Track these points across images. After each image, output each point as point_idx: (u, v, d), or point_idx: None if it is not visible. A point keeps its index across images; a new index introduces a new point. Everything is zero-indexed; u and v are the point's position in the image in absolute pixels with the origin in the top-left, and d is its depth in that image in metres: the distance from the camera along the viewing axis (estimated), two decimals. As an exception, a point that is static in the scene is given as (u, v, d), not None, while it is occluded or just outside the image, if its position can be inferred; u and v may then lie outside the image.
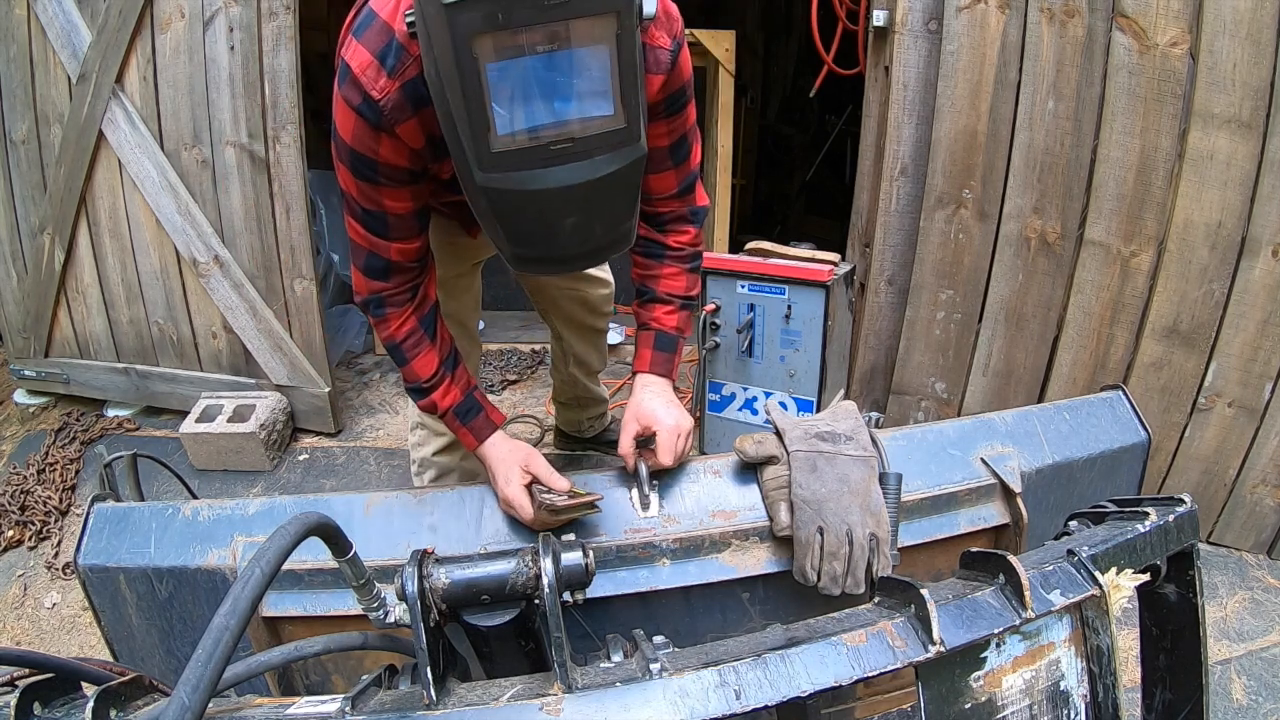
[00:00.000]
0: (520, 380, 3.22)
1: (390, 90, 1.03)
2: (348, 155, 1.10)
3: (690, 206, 1.34)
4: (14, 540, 2.51)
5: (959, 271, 2.29)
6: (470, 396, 1.31)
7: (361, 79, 1.03)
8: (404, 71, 1.03)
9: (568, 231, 0.87)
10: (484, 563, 0.83)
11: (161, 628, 1.14)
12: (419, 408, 1.34)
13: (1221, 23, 1.85)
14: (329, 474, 2.70)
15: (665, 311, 1.34)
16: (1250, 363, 2.07)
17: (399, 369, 1.31)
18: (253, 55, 2.43)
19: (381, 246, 1.19)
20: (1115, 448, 1.30)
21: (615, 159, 0.83)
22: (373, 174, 1.11)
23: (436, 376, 1.28)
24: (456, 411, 1.29)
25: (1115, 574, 0.77)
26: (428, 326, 1.29)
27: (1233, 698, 1.86)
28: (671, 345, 1.34)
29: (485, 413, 1.31)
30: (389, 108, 1.04)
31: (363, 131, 1.07)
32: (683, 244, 1.35)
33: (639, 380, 1.33)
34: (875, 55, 2.33)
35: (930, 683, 0.70)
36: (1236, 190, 1.96)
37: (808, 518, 1.06)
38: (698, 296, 1.39)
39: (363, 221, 1.18)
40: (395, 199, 1.15)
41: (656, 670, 0.68)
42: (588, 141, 0.81)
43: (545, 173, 0.80)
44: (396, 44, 1.03)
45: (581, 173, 0.81)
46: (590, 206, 0.86)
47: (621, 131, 0.82)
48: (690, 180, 1.32)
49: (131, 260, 2.79)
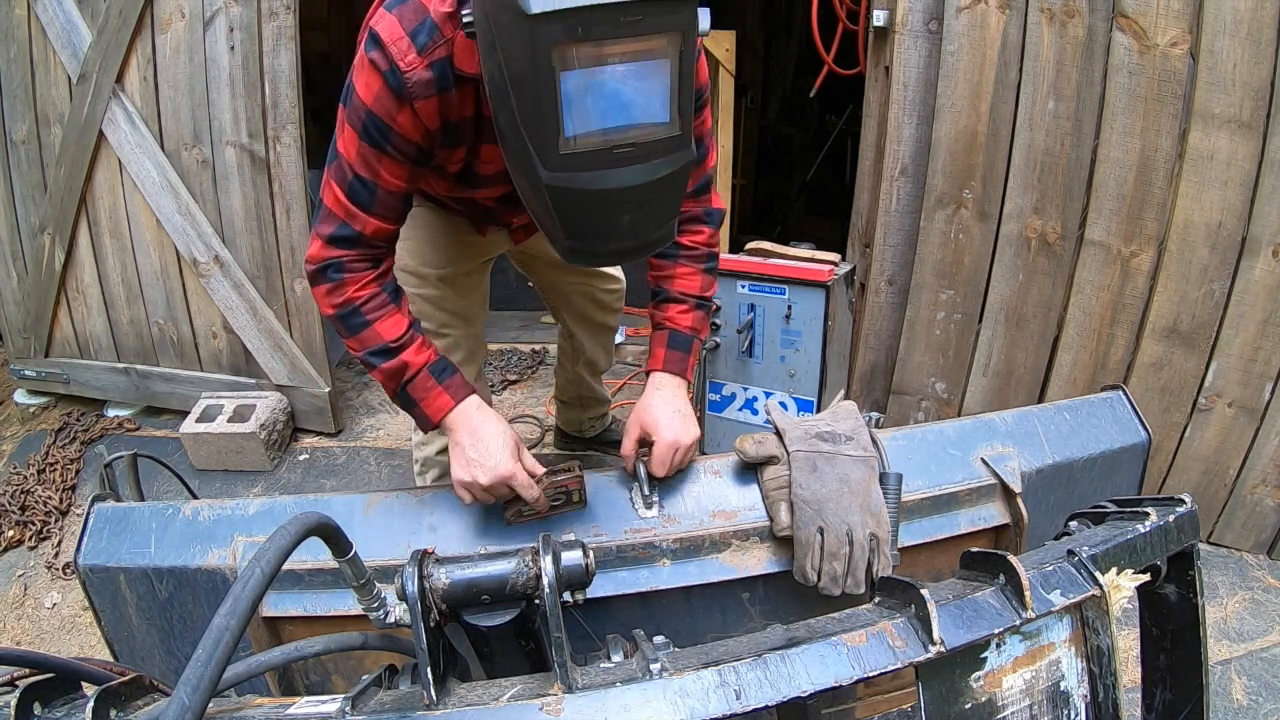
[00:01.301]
0: (520, 380, 3.22)
1: (417, 67, 1.06)
2: (363, 117, 1.10)
3: (705, 207, 1.35)
4: (14, 540, 2.51)
5: (959, 271, 2.29)
6: (444, 357, 1.24)
7: (391, 49, 1.05)
8: (433, 52, 1.06)
9: (624, 228, 0.94)
10: (484, 563, 0.83)
11: (161, 628, 1.14)
12: (379, 374, 1.21)
13: (1222, 23, 1.85)
14: (329, 474, 2.70)
15: (679, 311, 1.34)
16: (1250, 363, 2.07)
17: (350, 337, 1.21)
18: (253, 55, 2.43)
19: (360, 219, 1.16)
20: (1115, 448, 1.30)
21: (670, 162, 0.90)
22: (383, 140, 1.12)
23: (407, 335, 1.20)
24: (432, 369, 1.20)
25: (1115, 574, 0.77)
26: (390, 291, 1.22)
27: (1233, 698, 1.86)
28: (686, 345, 1.33)
29: (460, 373, 1.24)
30: (413, 83, 1.06)
31: (385, 97, 1.08)
32: (697, 244, 1.35)
33: (650, 380, 1.32)
34: (875, 55, 2.33)
35: (930, 683, 0.70)
36: (1236, 190, 1.96)
37: (808, 518, 1.06)
38: (712, 299, 1.38)
39: (350, 189, 1.15)
40: (393, 173, 1.15)
41: (656, 670, 0.68)
42: (647, 146, 0.87)
43: (608, 174, 0.87)
44: (430, 23, 1.05)
45: (641, 175, 0.88)
46: (645, 205, 0.92)
47: (677, 138, 0.89)
48: (705, 181, 1.33)
49: (132, 260, 2.79)
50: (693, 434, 1.21)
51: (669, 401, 1.26)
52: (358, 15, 1.24)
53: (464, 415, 1.19)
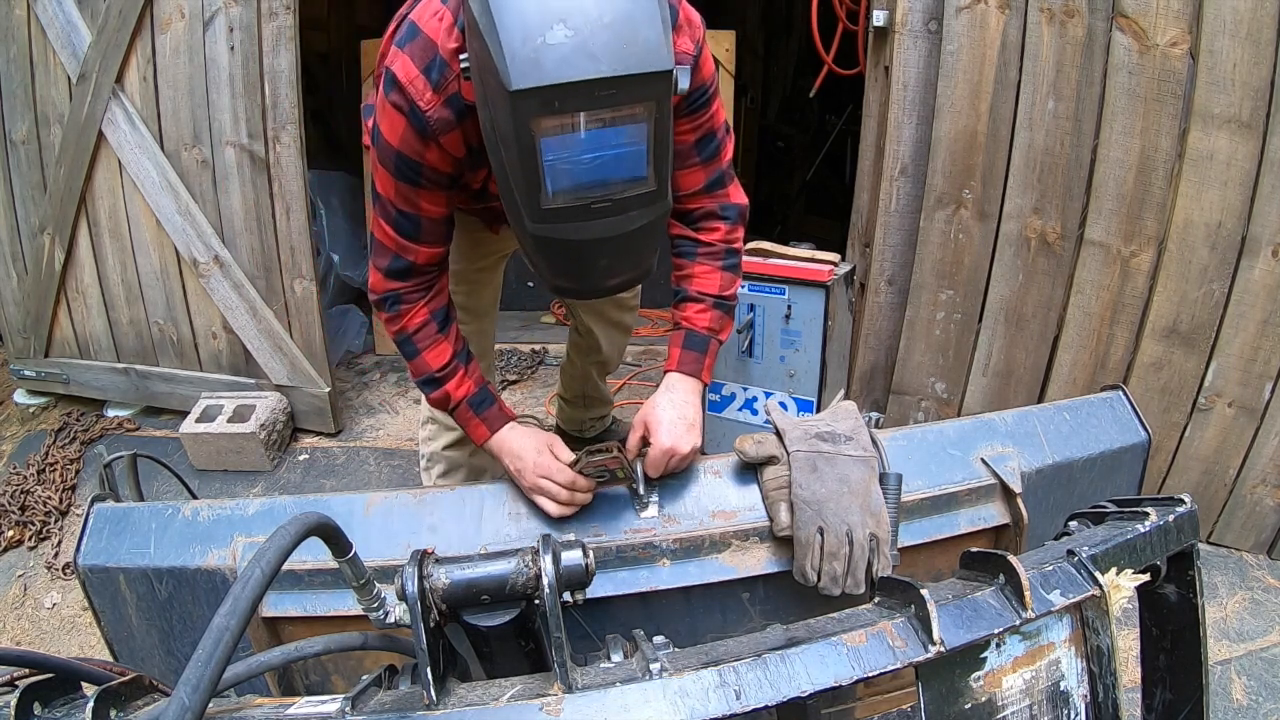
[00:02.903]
0: (520, 380, 3.22)
1: (436, 104, 1.11)
2: (393, 158, 1.15)
3: (720, 203, 1.34)
4: (14, 540, 2.51)
5: (959, 271, 2.29)
6: (484, 389, 1.33)
7: (410, 89, 1.10)
8: (447, 87, 1.10)
9: (602, 270, 1.02)
10: (484, 563, 0.83)
11: (161, 628, 1.14)
12: (430, 401, 1.35)
13: (1221, 23, 1.85)
14: (329, 474, 2.70)
15: (697, 310, 1.33)
16: (1250, 363, 2.07)
17: (408, 362, 1.33)
18: (253, 55, 2.43)
19: (410, 250, 1.24)
20: (1115, 448, 1.30)
21: (645, 214, 0.95)
22: (416, 177, 1.17)
23: (450, 367, 1.30)
24: (470, 402, 1.31)
25: (1115, 574, 0.77)
26: (440, 319, 1.31)
27: (1233, 698, 1.86)
28: (702, 345, 1.32)
29: (498, 405, 1.33)
30: (434, 120, 1.11)
31: (411, 137, 1.13)
32: (714, 241, 1.34)
33: (664, 379, 1.32)
34: (875, 55, 2.33)
35: (930, 683, 0.70)
36: (1236, 190, 1.96)
37: (808, 518, 1.06)
38: (734, 298, 1.37)
39: (395, 224, 1.22)
40: (432, 202, 1.21)
41: (656, 670, 0.68)
42: (624, 202, 0.92)
43: (587, 225, 0.93)
44: (440, 60, 1.09)
45: (617, 226, 0.94)
46: (622, 251, 0.99)
47: (652, 193, 0.94)
48: (718, 176, 1.32)
49: (131, 260, 2.79)
50: (691, 443, 1.20)
51: (676, 405, 1.25)
52: (358, 15, 1.25)
53: (500, 441, 1.28)
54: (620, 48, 0.83)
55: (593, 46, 0.82)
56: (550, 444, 1.21)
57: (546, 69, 0.82)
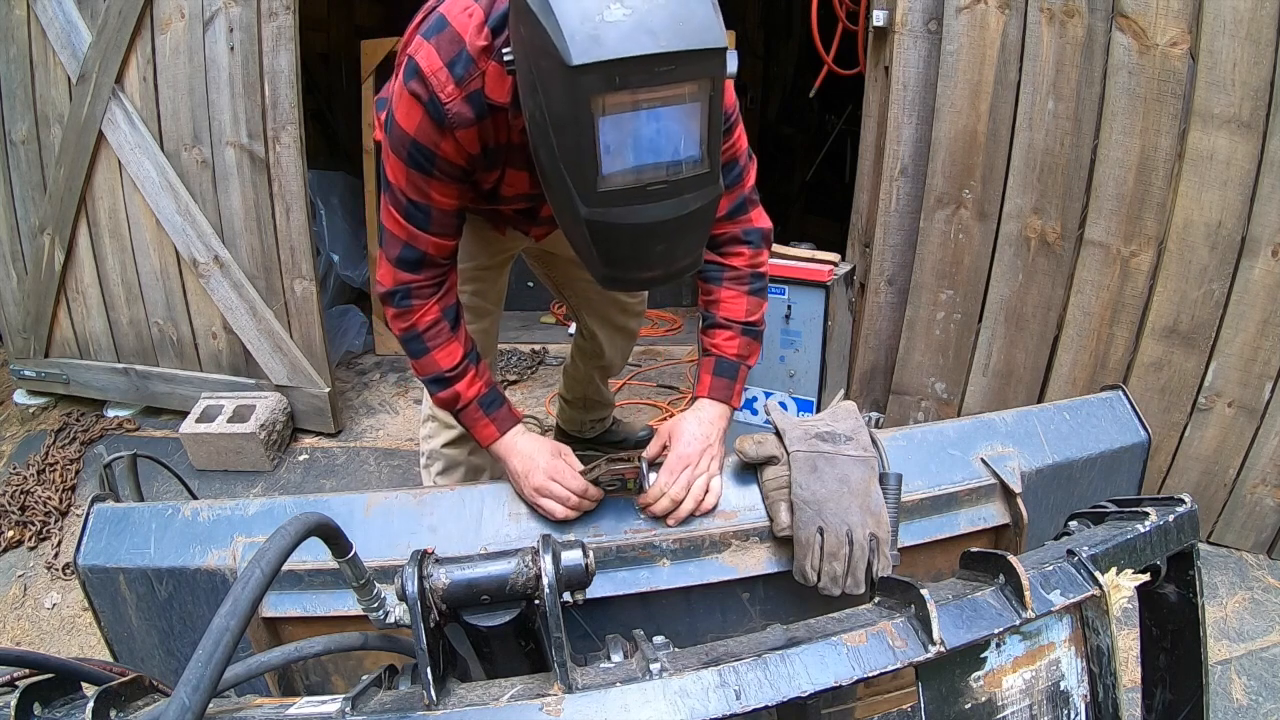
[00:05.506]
0: (520, 380, 3.22)
1: (457, 98, 1.11)
2: (407, 146, 1.15)
3: (744, 228, 1.35)
4: (14, 540, 2.51)
5: (959, 271, 2.29)
6: (494, 389, 1.33)
7: (432, 80, 1.10)
8: (470, 83, 1.11)
9: (656, 257, 1.00)
10: (484, 563, 0.83)
11: (161, 628, 1.14)
12: (436, 401, 1.34)
13: (1221, 23, 1.85)
14: (329, 474, 2.70)
15: (725, 337, 1.34)
16: (1250, 363, 2.07)
17: (414, 360, 1.32)
18: (253, 55, 2.43)
19: (420, 239, 1.24)
20: (1115, 448, 1.30)
21: (700, 197, 0.95)
22: (429, 166, 1.17)
23: (461, 367, 1.29)
24: (481, 402, 1.30)
25: (1115, 574, 0.77)
26: (450, 318, 1.31)
27: (1233, 698, 1.86)
28: (732, 372, 1.33)
29: (507, 406, 1.33)
30: (453, 113, 1.11)
31: (428, 126, 1.13)
32: (738, 266, 1.35)
33: (695, 404, 1.33)
34: (875, 55, 2.33)
35: (930, 683, 0.70)
36: (1236, 190, 1.95)
37: (808, 518, 1.06)
38: (762, 323, 1.37)
39: (405, 213, 1.22)
40: (443, 194, 1.21)
41: (656, 670, 0.68)
42: (679, 183, 0.92)
43: (643, 208, 0.92)
44: (466, 55, 1.10)
45: (673, 209, 0.93)
46: (677, 236, 0.98)
47: (707, 174, 0.94)
48: (741, 201, 1.33)
49: (131, 260, 2.79)
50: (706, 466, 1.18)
51: (701, 423, 1.26)
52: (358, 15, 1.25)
53: (508, 443, 1.28)
54: (676, 25, 0.84)
55: (651, 23, 0.83)
56: (562, 451, 1.22)
57: (607, 44, 0.82)
